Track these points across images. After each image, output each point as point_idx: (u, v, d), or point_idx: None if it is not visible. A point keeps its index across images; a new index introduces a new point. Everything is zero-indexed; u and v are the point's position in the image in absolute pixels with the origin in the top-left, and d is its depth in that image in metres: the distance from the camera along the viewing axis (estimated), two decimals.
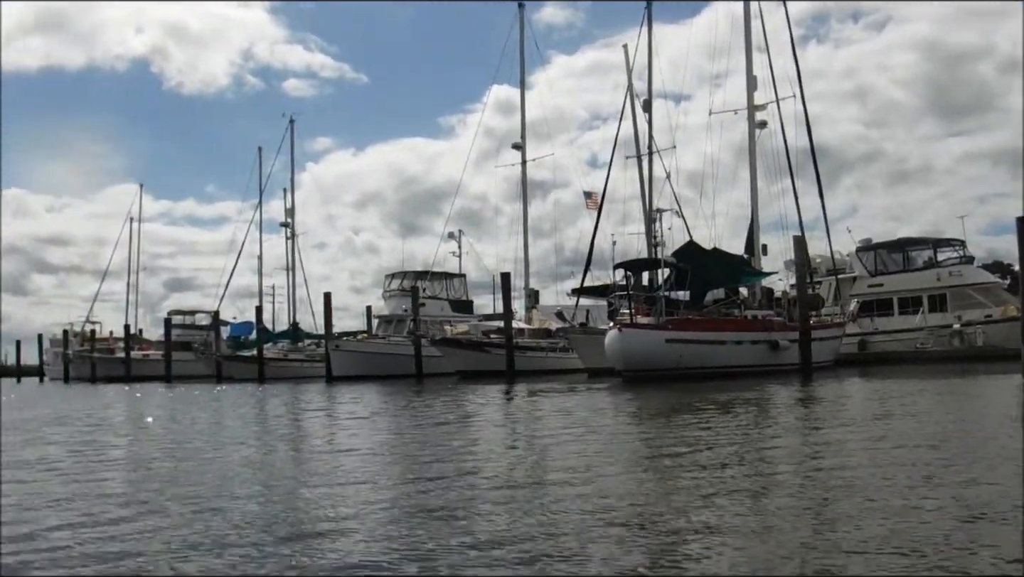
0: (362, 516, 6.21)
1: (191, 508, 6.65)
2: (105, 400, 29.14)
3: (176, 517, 6.30)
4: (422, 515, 6.15)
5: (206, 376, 52.55)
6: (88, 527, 6.01)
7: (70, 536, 5.70)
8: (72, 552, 5.27)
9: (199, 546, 5.32)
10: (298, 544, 5.36)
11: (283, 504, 6.85)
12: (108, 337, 69.84)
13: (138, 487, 8.01)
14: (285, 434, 14.11)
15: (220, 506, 6.72)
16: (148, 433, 14.76)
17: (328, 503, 6.79)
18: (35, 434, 14.52)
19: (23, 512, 6.69)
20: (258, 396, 28.62)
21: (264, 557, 5.06)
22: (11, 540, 5.62)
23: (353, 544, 5.33)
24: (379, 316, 49.89)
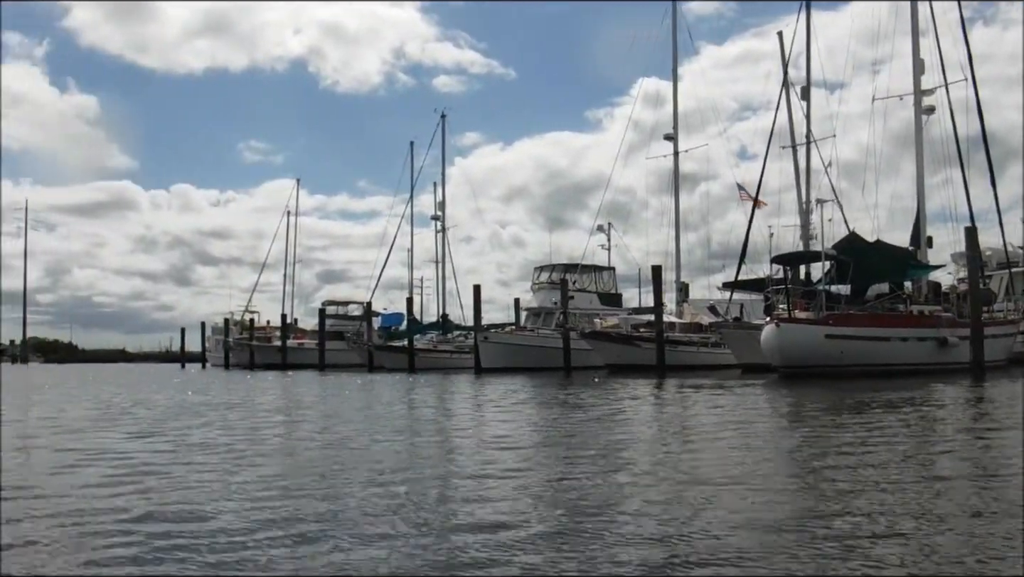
0: (512, 511, 6.01)
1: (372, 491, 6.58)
2: (265, 385, 30.03)
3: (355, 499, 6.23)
4: (569, 512, 5.93)
5: (358, 365, 53.81)
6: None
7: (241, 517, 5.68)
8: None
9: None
10: (443, 538, 5.23)
11: (434, 495, 6.76)
12: (266, 326, 72.56)
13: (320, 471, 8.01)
14: (445, 425, 14.06)
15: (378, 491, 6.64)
16: (327, 419, 14.97)
17: (480, 497, 6.63)
18: (209, 417, 14.92)
19: (197, 496, 6.72)
20: (411, 385, 28.95)
21: (410, 551, 4.94)
22: (183, 519, 5.65)
23: (499, 539, 5.15)
24: (527, 308, 49.97)
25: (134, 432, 12.49)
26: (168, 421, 14.54)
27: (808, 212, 37.88)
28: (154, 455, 9.57)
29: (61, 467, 8.58)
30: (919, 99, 34.00)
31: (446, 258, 58.74)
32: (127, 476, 7.83)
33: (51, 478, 7.91)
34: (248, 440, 11.25)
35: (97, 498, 6.68)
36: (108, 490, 7.04)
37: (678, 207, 45.16)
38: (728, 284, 39.08)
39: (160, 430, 12.80)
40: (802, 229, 38.16)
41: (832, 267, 31.64)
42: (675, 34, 45.32)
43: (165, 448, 10.36)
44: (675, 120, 44.67)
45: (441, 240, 58.59)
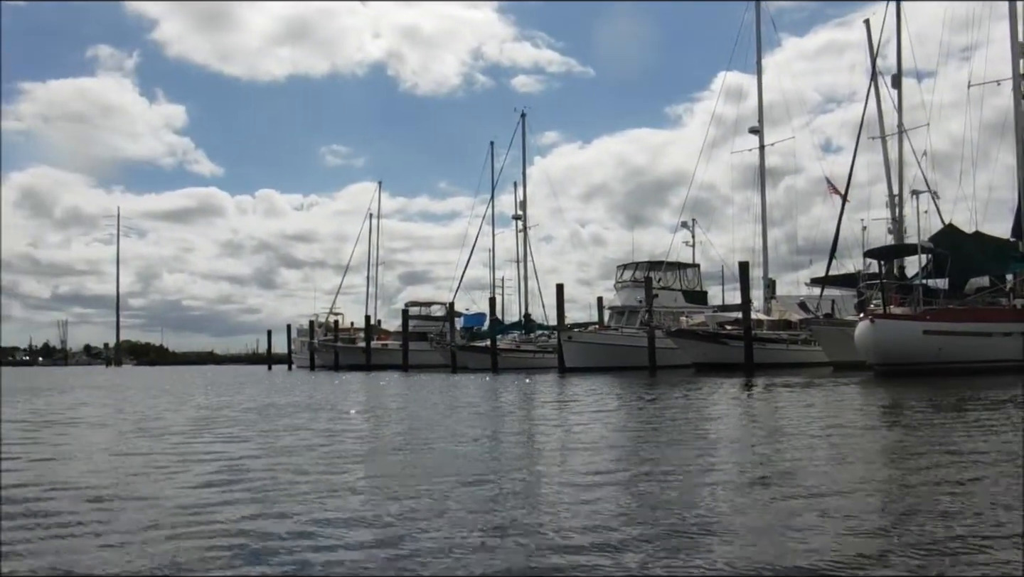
0: (598, 513, 5.75)
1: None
2: (355, 386, 30.15)
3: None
4: (656, 513, 5.73)
5: (441, 365, 54.00)
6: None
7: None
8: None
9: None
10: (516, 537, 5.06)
11: (516, 499, 6.50)
12: (349, 327, 73.34)
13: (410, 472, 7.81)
14: (527, 427, 13.76)
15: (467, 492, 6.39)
16: (415, 420, 14.84)
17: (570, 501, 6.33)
18: (296, 419, 14.90)
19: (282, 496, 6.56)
20: (497, 385, 28.78)
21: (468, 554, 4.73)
22: (268, 516, 5.49)
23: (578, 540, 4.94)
24: (611, 307, 49.49)
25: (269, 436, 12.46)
26: (281, 423, 14.53)
27: (899, 204, 36.71)
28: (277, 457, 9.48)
29: (173, 472, 8.55)
30: (1018, 83, 32.61)
31: (527, 257, 58.55)
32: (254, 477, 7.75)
33: (194, 490, 7.82)
34: (357, 440, 11.13)
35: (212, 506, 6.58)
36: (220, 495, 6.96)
37: (765, 201, 44.20)
38: (818, 280, 38.14)
39: (283, 432, 12.76)
40: (894, 222, 37.01)
41: (928, 261, 30.62)
42: (759, 26, 44.37)
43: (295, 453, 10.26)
44: (760, 113, 43.73)
45: (522, 239, 58.43)
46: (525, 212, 57.88)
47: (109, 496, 6.81)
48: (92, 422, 15.40)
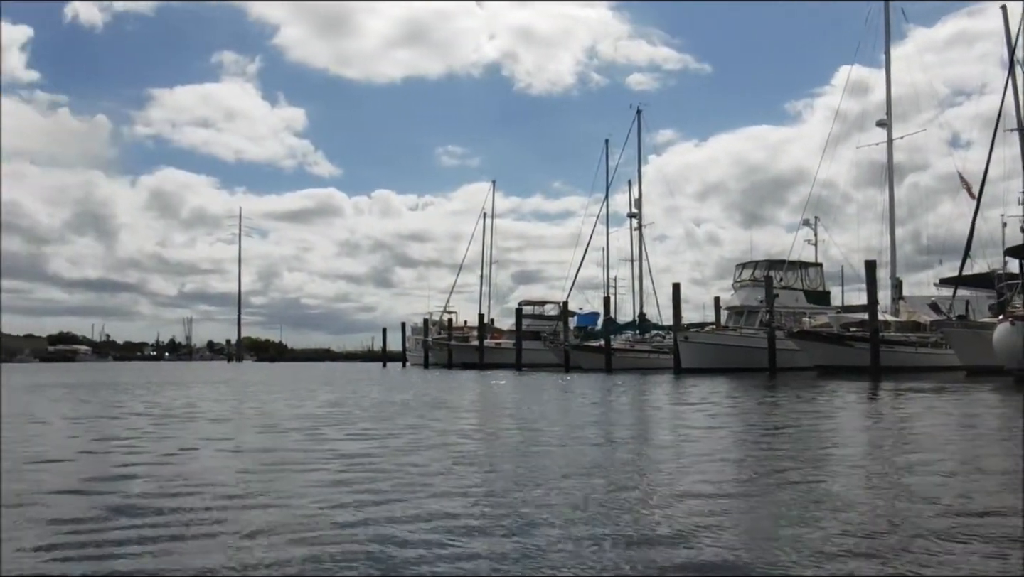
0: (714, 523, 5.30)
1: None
2: (467, 384, 30.09)
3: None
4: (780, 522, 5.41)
5: (554, 364, 53.71)
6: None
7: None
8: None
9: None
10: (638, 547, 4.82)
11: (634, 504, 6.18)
12: (463, 326, 73.77)
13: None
14: (643, 431, 13.30)
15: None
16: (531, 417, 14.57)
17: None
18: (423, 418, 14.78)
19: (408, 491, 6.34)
20: (613, 385, 28.31)
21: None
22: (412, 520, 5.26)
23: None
24: (728, 307, 48.33)
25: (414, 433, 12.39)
26: (407, 420, 14.47)
27: None
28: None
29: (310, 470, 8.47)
30: None
31: (642, 256, 57.69)
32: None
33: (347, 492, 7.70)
34: (479, 440, 10.93)
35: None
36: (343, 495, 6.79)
37: (893, 198, 42.52)
38: (948, 280, 36.47)
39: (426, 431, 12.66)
40: None
41: None
42: (888, 17, 42.69)
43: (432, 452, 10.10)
44: (888, 106, 42.07)
45: (637, 238, 57.61)
46: (640, 209, 57.06)
47: (239, 494, 6.72)
48: (219, 417, 15.57)
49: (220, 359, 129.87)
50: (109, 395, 24.63)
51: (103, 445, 10.72)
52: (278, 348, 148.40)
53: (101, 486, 7.24)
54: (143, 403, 20.06)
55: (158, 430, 12.76)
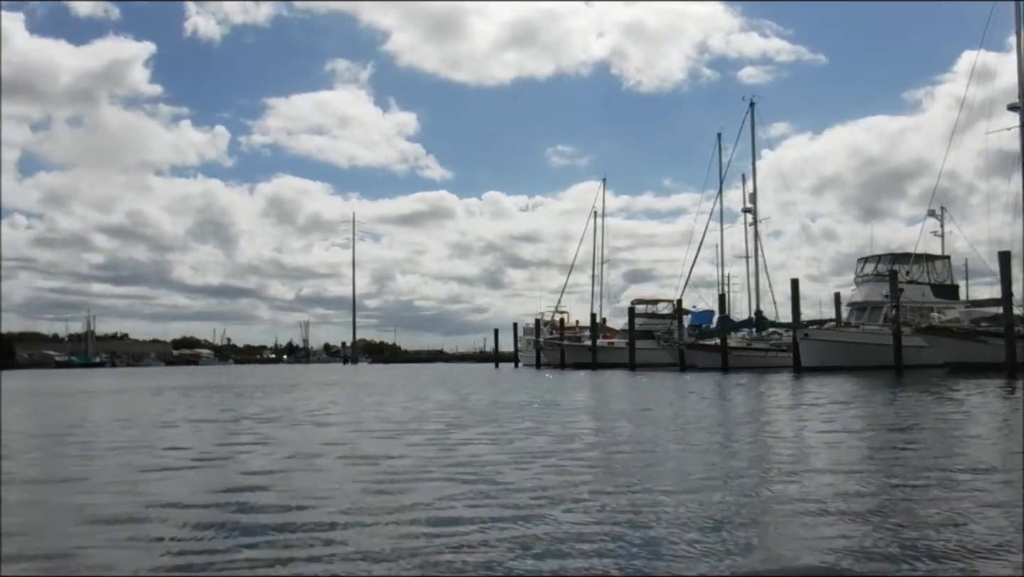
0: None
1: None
2: (584, 385, 29.74)
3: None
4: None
5: (668, 364, 52.88)
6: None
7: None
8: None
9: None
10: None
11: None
12: (575, 326, 73.27)
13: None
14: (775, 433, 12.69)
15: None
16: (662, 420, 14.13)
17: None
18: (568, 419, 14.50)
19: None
20: (733, 385, 27.58)
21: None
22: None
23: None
24: (850, 303, 46.63)
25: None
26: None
27: None
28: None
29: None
30: None
31: (758, 252, 56.15)
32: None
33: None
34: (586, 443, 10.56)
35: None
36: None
37: None
38: None
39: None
40: None
41: None
42: None
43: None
44: (1021, 88, 39.85)
45: (752, 233, 56.11)
46: (755, 203, 55.48)
47: (357, 506, 6.54)
48: (339, 420, 15.65)
49: (336, 361, 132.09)
50: (239, 398, 25.21)
51: (242, 449, 10.79)
52: (392, 350, 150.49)
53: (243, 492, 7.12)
54: (282, 407, 20.35)
55: (280, 433, 12.77)
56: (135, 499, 6.80)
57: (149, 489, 7.42)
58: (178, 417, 16.81)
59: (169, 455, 9.97)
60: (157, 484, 7.74)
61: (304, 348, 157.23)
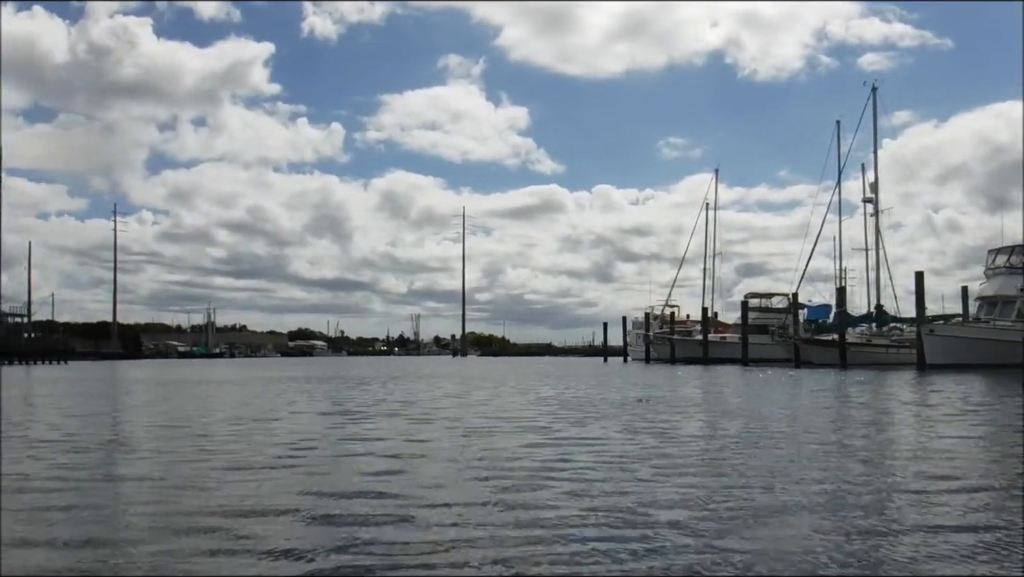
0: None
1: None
2: (706, 380, 28.95)
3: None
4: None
5: (782, 359, 51.35)
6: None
7: None
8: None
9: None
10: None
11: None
12: (685, 320, 71.92)
13: None
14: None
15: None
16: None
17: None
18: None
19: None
20: (856, 383, 26.33)
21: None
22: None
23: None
24: (980, 297, 44.34)
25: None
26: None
27: None
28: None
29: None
30: None
31: (878, 243, 53.89)
32: None
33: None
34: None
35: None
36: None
37: None
38: None
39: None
40: None
41: None
42: None
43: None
44: None
45: (873, 224, 53.85)
46: (877, 193, 53.13)
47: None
48: (450, 416, 15.42)
49: (446, 354, 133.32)
50: (358, 389, 25.31)
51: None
52: (501, 343, 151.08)
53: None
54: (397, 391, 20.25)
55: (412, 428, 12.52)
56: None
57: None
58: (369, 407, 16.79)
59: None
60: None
61: (415, 341, 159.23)
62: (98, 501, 6.21)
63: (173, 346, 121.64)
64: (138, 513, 5.77)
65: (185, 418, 14.17)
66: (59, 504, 6.06)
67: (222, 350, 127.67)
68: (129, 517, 5.65)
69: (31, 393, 23.54)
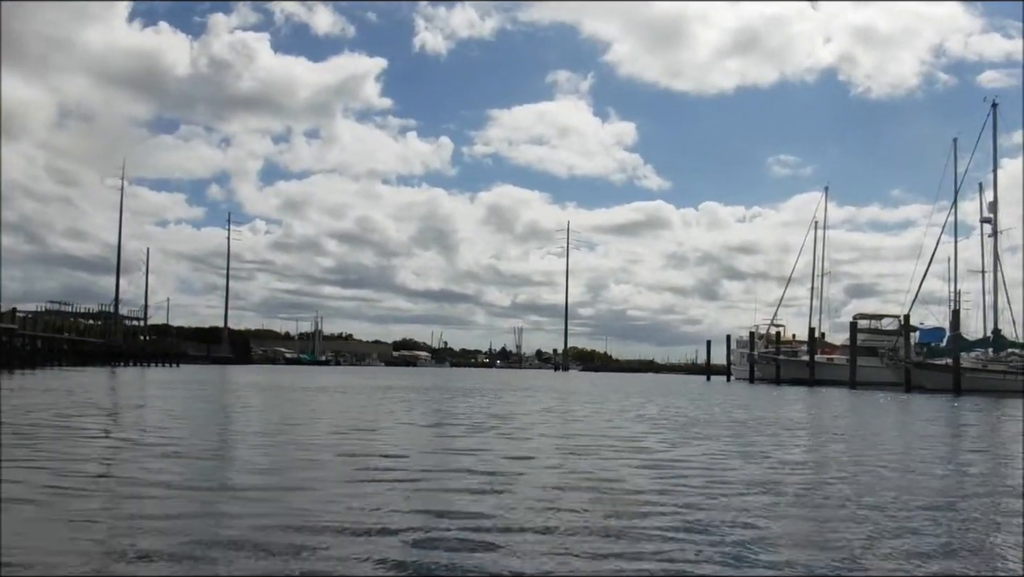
0: None
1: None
2: (806, 403, 28.54)
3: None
4: None
5: (892, 383, 49.97)
6: None
7: None
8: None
9: None
10: None
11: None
12: (791, 340, 70.57)
13: None
14: None
15: None
16: None
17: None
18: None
19: None
20: (973, 411, 25.58)
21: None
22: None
23: None
24: None
25: None
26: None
27: None
28: None
29: None
30: None
31: (996, 265, 52.06)
32: None
33: None
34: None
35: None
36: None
37: None
38: None
39: None
40: None
41: None
42: None
43: None
44: None
45: (992, 245, 52.08)
46: (996, 212, 51.37)
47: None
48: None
49: (547, 368, 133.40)
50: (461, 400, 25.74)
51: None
52: (603, 358, 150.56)
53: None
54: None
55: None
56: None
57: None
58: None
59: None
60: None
61: (517, 354, 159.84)
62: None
63: (281, 352, 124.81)
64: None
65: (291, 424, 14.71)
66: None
67: (328, 358, 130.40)
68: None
69: (146, 393, 24.60)
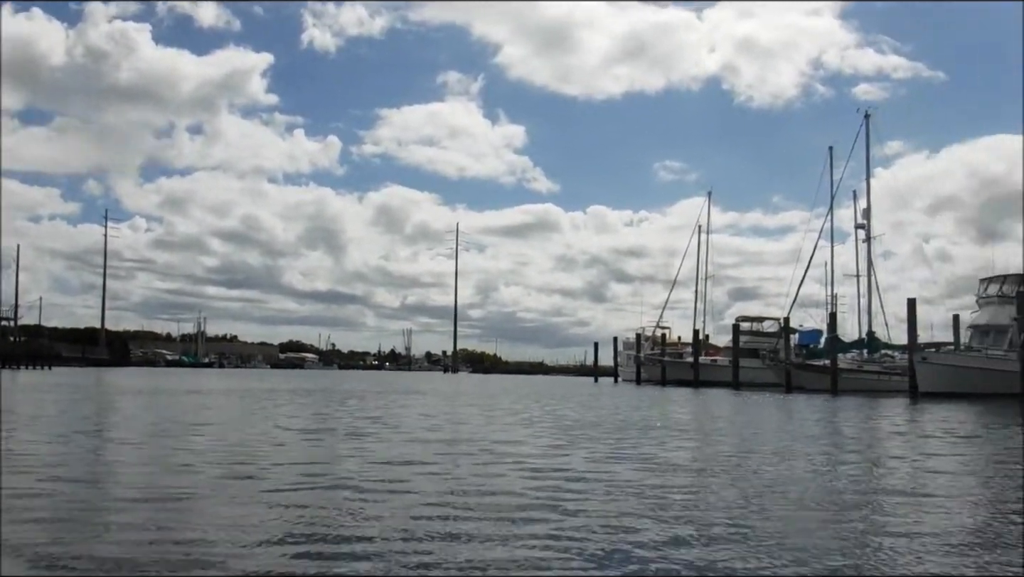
0: None
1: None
2: (694, 404, 28.62)
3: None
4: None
5: (773, 384, 50.96)
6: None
7: None
8: None
9: None
10: None
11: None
12: (676, 342, 71.53)
13: None
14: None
15: None
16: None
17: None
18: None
19: None
20: (850, 409, 25.96)
21: None
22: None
23: None
24: (972, 326, 44.06)
25: None
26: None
27: None
28: None
29: None
30: None
31: (869, 270, 53.64)
32: None
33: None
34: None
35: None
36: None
37: None
38: None
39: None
40: None
41: None
42: None
43: None
44: None
45: (865, 251, 53.63)
46: (869, 219, 52.90)
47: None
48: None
49: (437, 370, 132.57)
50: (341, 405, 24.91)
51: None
52: (492, 360, 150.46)
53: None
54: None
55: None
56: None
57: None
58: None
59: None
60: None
61: (406, 356, 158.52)
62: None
63: (162, 354, 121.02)
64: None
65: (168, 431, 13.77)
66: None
67: (211, 360, 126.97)
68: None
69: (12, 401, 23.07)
